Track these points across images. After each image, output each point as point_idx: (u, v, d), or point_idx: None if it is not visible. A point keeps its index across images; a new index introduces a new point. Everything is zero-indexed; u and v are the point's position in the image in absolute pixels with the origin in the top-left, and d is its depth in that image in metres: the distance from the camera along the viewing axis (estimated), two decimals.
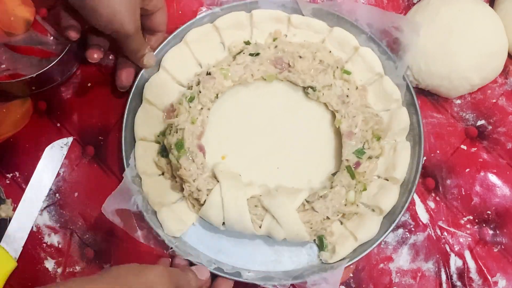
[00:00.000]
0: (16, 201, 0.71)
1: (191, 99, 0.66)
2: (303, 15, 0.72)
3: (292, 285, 0.66)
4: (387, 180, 0.68)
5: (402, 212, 0.66)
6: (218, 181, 0.65)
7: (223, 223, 0.65)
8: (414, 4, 0.75)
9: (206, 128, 0.67)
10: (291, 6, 0.72)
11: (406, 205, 0.66)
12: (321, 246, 0.67)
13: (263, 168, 0.69)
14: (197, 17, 0.71)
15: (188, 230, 0.68)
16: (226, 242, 0.68)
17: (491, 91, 0.73)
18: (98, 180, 0.71)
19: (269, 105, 0.71)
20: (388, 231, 0.66)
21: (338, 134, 0.69)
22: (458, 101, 0.73)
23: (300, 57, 0.68)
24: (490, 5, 0.74)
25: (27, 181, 0.71)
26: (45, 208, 0.71)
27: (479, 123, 0.73)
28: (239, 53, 0.70)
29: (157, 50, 0.70)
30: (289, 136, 0.70)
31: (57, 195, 0.71)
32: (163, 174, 0.69)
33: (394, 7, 0.76)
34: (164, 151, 0.67)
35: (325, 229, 0.66)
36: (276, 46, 0.69)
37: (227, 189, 0.64)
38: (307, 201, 0.65)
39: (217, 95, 0.68)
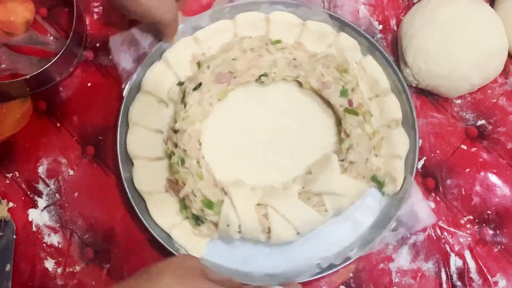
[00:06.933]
0: (15, 200, 0.71)
1: (182, 162, 0.65)
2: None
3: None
4: (378, 96, 0.70)
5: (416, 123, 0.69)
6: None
7: (298, 233, 0.64)
8: (414, 4, 0.75)
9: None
10: None
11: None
12: (380, 184, 0.68)
13: (282, 165, 0.69)
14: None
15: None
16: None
17: (491, 91, 0.73)
18: (98, 180, 0.71)
19: (240, 111, 0.71)
20: (417, 142, 0.68)
21: (317, 95, 0.70)
22: (458, 101, 0.73)
23: (233, 59, 0.69)
24: (490, 5, 0.74)
25: (27, 181, 0.71)
26: (45, 208, 0.71)
27: (479, 123, 0.72)
28: (183, 97, 0.68)
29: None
30: (280, 125, 0.70)
31: (57, 195, 0.71)
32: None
33: (394, 7, 0.76)
34: (198, 220, 0.66)
35: (372, 169, 0.67)
36: (208, 67, 0.68)
37: (282, 208, 0.63)
38: (342, 160, 0.66)
39: (199, 143, 0.67)
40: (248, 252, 0.67)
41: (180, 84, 0.70)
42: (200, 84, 0.67)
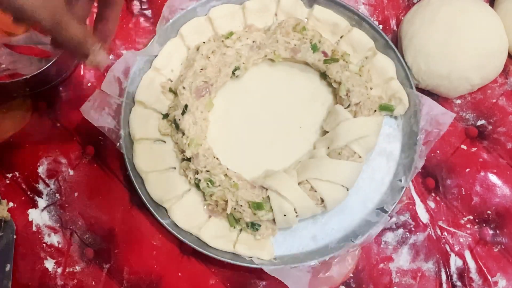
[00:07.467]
0: (15, 200, 0.71)
1: (212, 182, 0.65)
2: None
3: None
4: (343, 36, 0.72)
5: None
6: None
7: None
8: (414, 4, 0.75)
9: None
10: None
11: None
12: (390, 109, 0.69)
13: (294, 138, 0.70)
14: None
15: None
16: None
17: (491, 91, 0.73)
18: (98, 180, 0.71)
19: (231, 108, 0.72)
20: (399, 56, 0.70)
21: (293, 63, 0.72)
22: (458, 101, 0.73)
23: (202, 69, 0.69)
24: (490, 5, 0.74)
25: (27, 181, 0.71)
26: (45, 208, 0.71)
27: (479, 123, 0.73)
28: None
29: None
30: (275, 104, 0.71)
31: (57, 195, 0.71)
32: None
33: (394, 7, 0.76)
34: (254, 226, 0.66)
35: (376, 101, 0.68)
36: (184, 87, 0.68)
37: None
38: (348, 107, 0.67)
39: (216, 158, 0.67)
40: (312, 229, 0.68)
41: (165, 116, 0.69)
42: (186, 106, 0.67)
